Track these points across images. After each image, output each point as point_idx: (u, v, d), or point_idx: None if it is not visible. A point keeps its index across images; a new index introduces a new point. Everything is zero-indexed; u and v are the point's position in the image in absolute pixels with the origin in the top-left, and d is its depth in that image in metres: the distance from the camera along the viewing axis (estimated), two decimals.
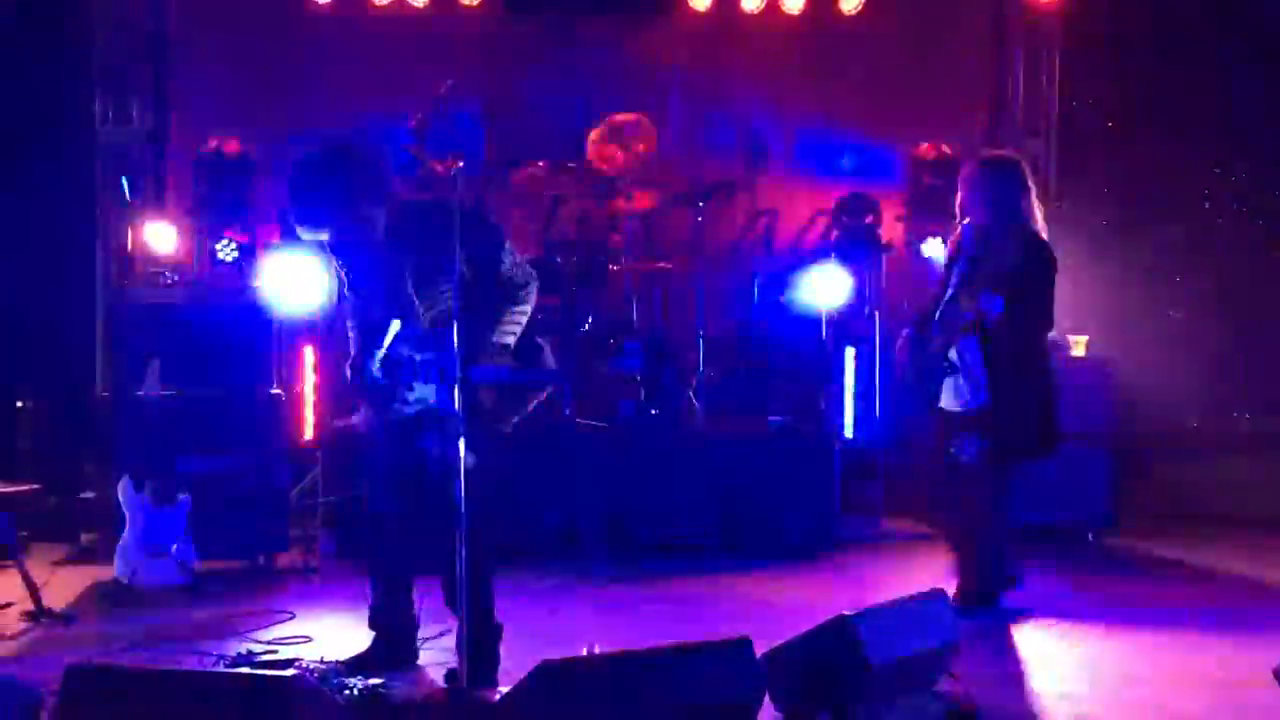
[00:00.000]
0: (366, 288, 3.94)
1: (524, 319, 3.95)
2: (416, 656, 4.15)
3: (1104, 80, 7.69)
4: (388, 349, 3.83)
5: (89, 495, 6.22)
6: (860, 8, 7.54)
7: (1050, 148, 7.70)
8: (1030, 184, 4.84)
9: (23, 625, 4.72)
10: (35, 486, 5.98)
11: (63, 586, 5.26)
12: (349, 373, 3.97)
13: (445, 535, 3.81)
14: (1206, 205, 7.62)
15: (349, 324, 4.08)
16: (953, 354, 4.76)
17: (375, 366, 3.85)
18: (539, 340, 4.01)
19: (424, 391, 3.84)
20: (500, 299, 3.90)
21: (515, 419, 3.96)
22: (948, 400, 4.83)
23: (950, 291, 4.80)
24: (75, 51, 7.00)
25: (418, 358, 3.84)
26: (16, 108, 6.79)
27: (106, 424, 5.83)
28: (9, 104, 6.78)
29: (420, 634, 4.19)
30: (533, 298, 3.99)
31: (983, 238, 4.77)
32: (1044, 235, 4.85)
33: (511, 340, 3.91)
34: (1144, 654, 4.41)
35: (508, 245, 3.97)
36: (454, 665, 3.76)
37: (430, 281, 3.85)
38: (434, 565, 3.92)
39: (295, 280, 6.05)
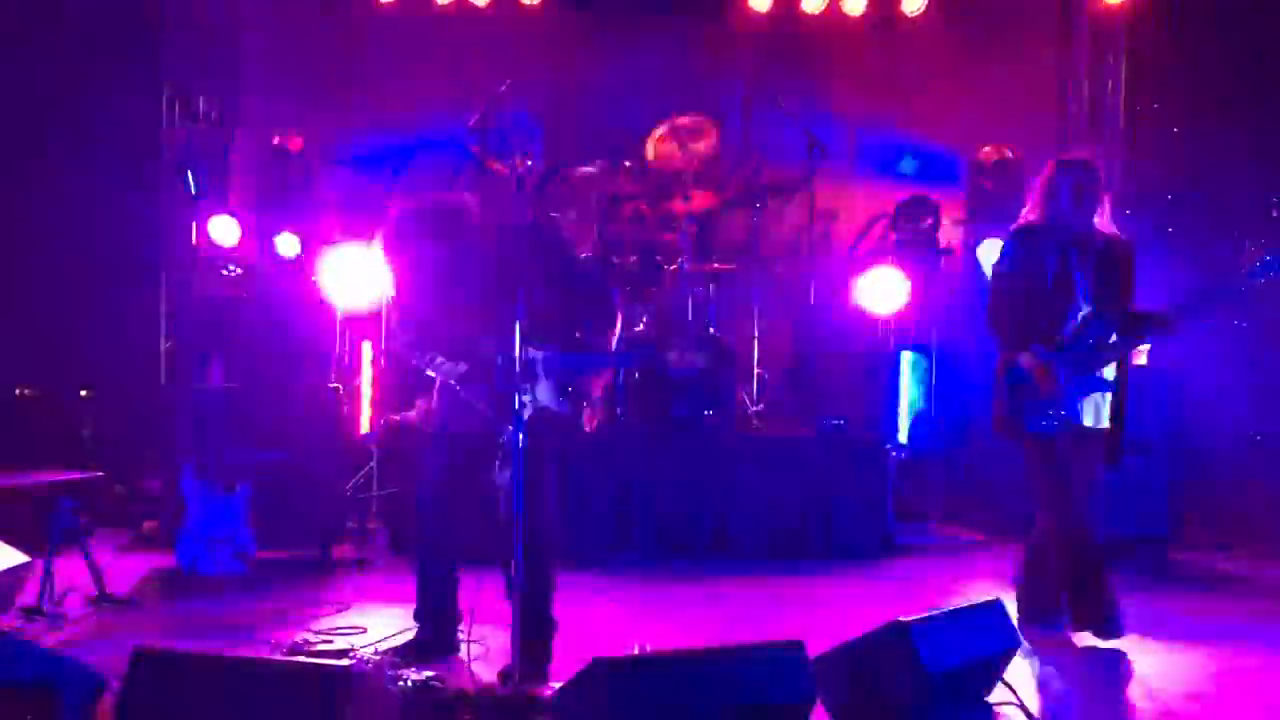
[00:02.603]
0: (472, 308, 4.02)
1: (612, 326, 4.08)
2: (455, 649, 4.18)
3: (1170, 84, 7.56)
4: (505, 355, 3.90)
5: (151, 483, 6.33)
6: (923, 9, 7.49)
7: (1115, 152, 7.60)
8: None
9: (86, 610, 4.81)
10: (99, 474, 6.11)
11: (125, 573, 5.35)
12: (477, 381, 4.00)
13: (513, 532, 3.86)
14: (1275, 214, 7.45)
15: (421, 347, 4.13)
16: (1108, 371, 4.44)
17: (501, 374, 3.92)
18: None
19: (537, 391, 3.92)
20: (589, 308, 4.05)
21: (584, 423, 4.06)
22: (1094, 418, 4.46)
23: (1090, 306, 4.43)
24: (143, 48, 7.13)
25: (529, 358, 3.90)
26: (85, 103, 6.92)
27: (169, 414, 5.94)
28: (77, 99, 6.91)
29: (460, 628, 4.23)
30: (614, 307, 4.12)
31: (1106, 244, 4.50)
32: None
33: (612, 343, 4.07)
34: (1204, 670, 4.33)
35: (580, 261, 4.13)
36: (504, 656, 3.79)
37: (527, 291, 3.92)
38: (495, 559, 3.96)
39: (355, 276, 6.11)
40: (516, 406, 3.84)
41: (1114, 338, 4.41)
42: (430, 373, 4.11)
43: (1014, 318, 4.49)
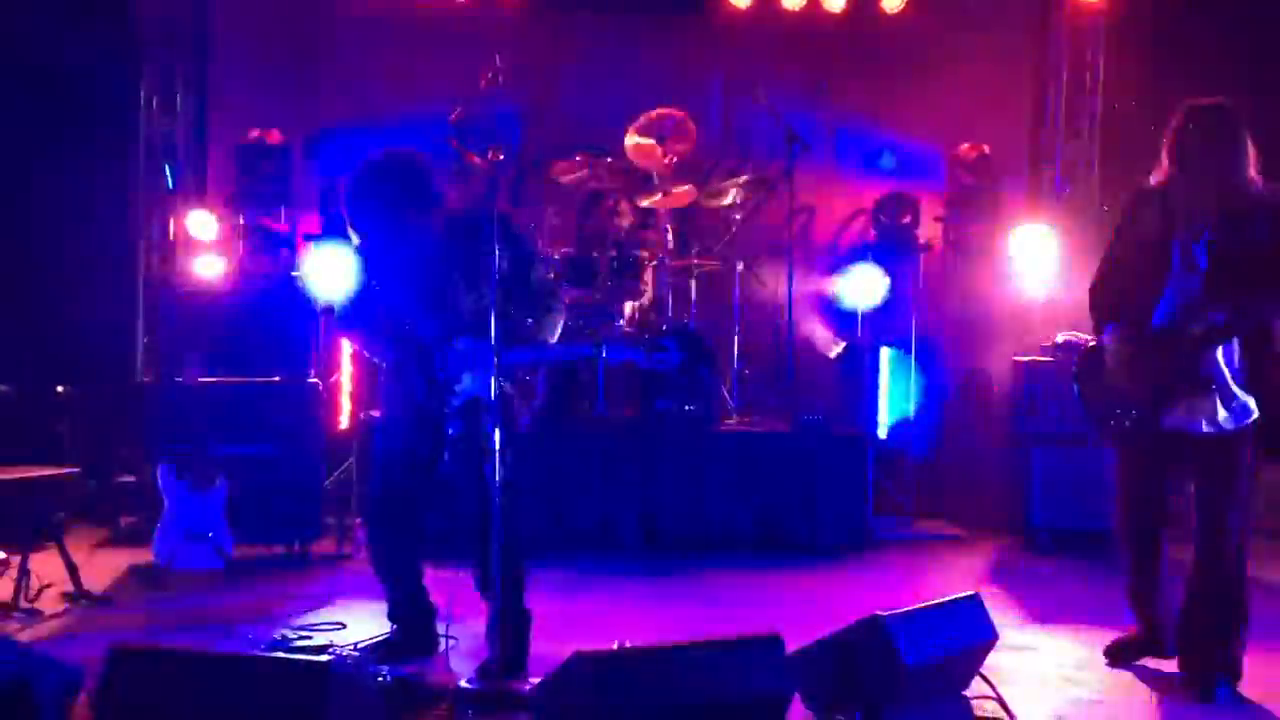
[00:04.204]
0: (414, 291, 4.00)
1: (558, 323, 4.04)
2: (436, 644, 4.18)
3: (1148, 82, 7.60)
4: (440, 344, 3.92)
5: (128, 479, 6.29)
6: (902, 6, 7.51)
7: (1093, 150, 7.64)
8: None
9: (62, 606, 4.79)
10: (75, 470, 6.06)
11: (101, 569, 5.34)
12: (409, 367, 3.98)
13: (477, 525, 3.86)
14: None
15: (360, 324, 4.11)
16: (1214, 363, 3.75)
17: (435, 361, 3.92)
18: None
19: (469, 382, 3.90)
20: (531, 304, 4.00)
21: (525, 418, 4.03)
22: (1191, 421, 3.80)
23: (1197, 285, 3.73)
24: (120, 40, 7.08)
25: (466, 348, 3.90)
26: (62, 96, 6.87)
27: (146, 409, 5.90)
28: (55, 93, 6.86)
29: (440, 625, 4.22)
30: (563, 305, 4.09)
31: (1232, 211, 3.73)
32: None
33: (551, 339, 4.03)
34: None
35: (537, 258, 4.09)
36: (481, 651, 3.80)
37: (474, 284, 3.93)
38: (467, 554, 3.96)
39: (333, 270, 6.08)
40: (450, 395, 3.86)
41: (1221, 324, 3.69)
42: (366, 352, 4.12)
43: (1106, 291, 3.94)
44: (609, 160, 6.81)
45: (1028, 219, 7.17)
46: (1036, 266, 6.90)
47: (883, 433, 6.88)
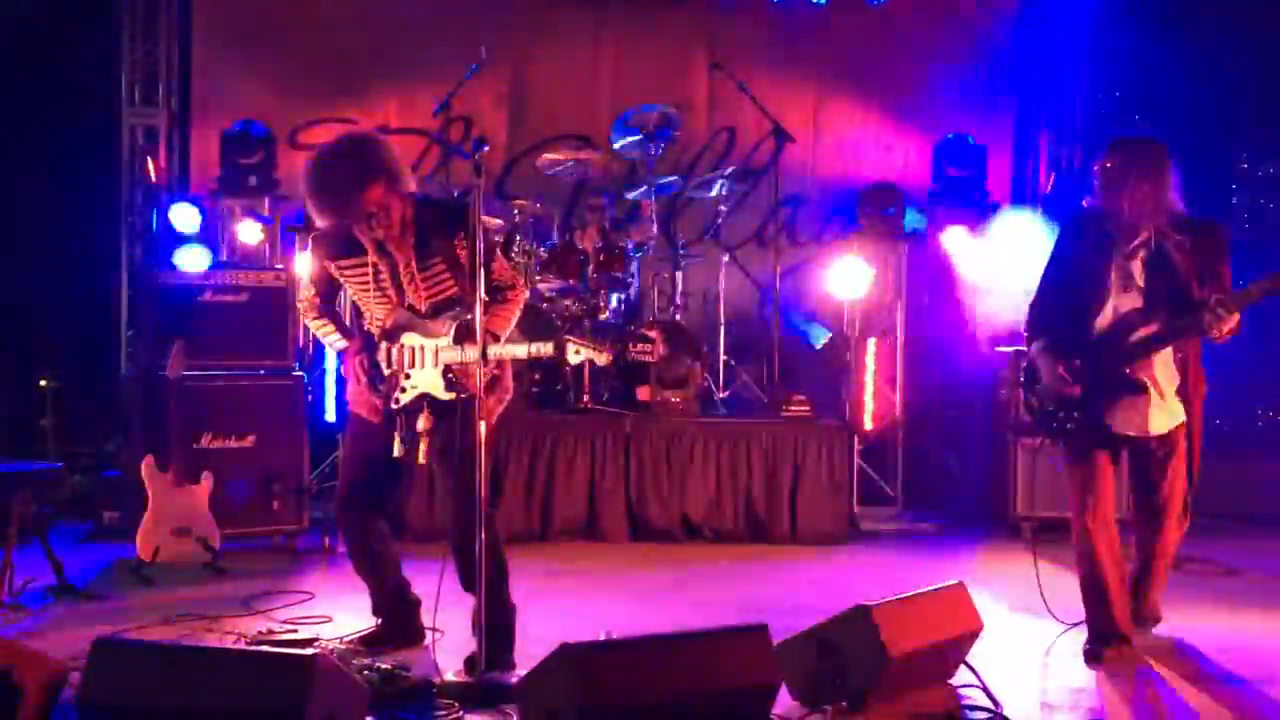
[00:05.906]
0: (374, 279, 3.95)
1: (511, 318, 3.97)
2: (422, 637, 4.17)
3: (1131, 71, 7.63)
4: (388, 339, 3.89)
5: (112, 473, 6.26)
6: None
7: (1075, 141, 7.66)
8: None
9: (46, 600, 4.76)
10: (58, 465, 6.04)
11: (85, 563, 5.31)
12: (354, 361, 3.96)
13: (455, 519, 3.85)
14: (1234, 201, 7.55)
15: (315, 311, 4.09)
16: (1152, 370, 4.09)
17: (381, 356, 3.89)
18: None
19: (420, 378, 3.87)
20: (495, 302, 3.93)
21: (500, 409, 4.00)
22: (1131, 424, 4.14)
23: (1133, 301, 4.10)
24: (103, 32, 7.04)
25: (416, 345, 3.88)
26: (44, 87, 6.82)
27: (130, 403, 5.88)
28: (37, 84, 6.82)
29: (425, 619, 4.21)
30: (521, 298, 4.02)
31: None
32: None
33: (502, 333, 3.94)
34: (1158, 651, 4.38)
35: (496, 253, 4.02)
36: (466, 644, 3.79)
37: (433, 274, 3.90)
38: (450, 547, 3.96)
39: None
40: (398, 391, 3.84)
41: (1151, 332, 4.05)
42: (322, 340, 4.11)
43: (1041, 307, 4.28)
44: (595, 151, 6.81)
45: (1012, 208, 7.19)
46: (1021, 256, 6.91)
47: (868, 424, 6.90)
